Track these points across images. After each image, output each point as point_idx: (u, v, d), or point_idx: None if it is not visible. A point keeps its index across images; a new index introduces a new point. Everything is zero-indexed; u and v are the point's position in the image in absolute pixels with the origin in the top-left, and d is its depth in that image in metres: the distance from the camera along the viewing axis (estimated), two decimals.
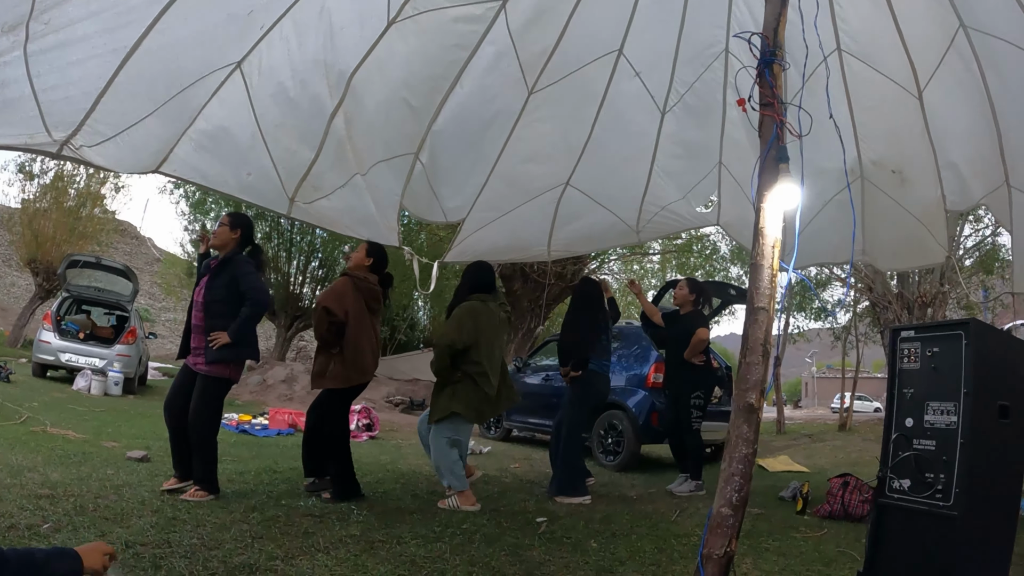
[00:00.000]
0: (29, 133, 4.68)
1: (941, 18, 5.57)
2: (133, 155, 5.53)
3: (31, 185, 26.83)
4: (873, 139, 7.05)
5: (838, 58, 6.39)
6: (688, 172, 8.04)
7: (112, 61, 4.72)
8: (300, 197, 6.76)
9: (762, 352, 3.43)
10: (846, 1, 5.98)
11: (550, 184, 8.14)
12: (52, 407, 10.72)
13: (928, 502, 3.60)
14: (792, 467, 11.18)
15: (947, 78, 6.05)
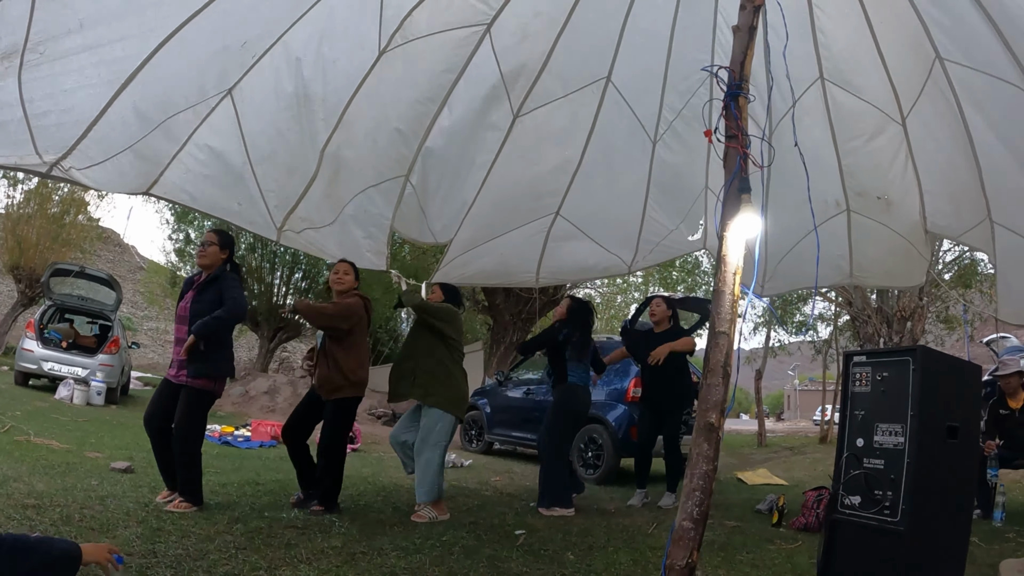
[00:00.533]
0: (19, 154, 4.80)
1: (919, 47, 5.67)
2: (121, 177, 5.63)
3: (14, 191, 26.73)
4: (858, 171, 7.12)
5: (821, 87, 6.49)
6: (679, 199, 8.10)
7: (105, 92, 4.86)
8: (289, 226, 6.86)
9: (722, 374, 3.56)
10: (828, 28, 6.05)
11: (540, 212, 8.21)
12: (35, 416, 10.72)
13: (877, 518, 3.74)
14: (770, 480, 11.29)
15: (927, 108, 6.14)
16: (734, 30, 4.14)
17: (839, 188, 7.30)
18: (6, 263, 26.82)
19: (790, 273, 8.26)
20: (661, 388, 8.38)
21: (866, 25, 5.86)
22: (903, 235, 7.54)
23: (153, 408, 5.96)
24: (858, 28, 5.91)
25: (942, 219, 7.16)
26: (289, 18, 5.40)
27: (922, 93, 6.03)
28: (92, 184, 5.46)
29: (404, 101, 6.61)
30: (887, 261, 8.23)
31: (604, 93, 7.17)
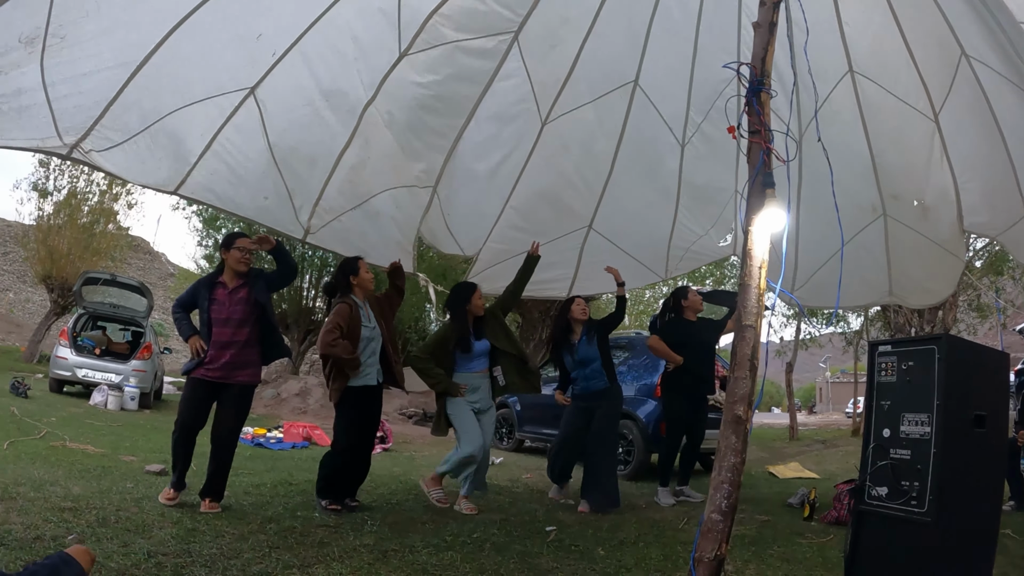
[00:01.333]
0: (41, 137, 4.93)
1: (946, 43, 5.63)
2: (142, 166, 5.73)
3: (45, 202, 27.08)
4: (893, 171, 7.04)
5: (851, 80, 6.44)
6: (709, 204, 8.07)
7: (121, 74, 4.97)
8: (315, 219, 6.90)
9: (749, 367, 3.56)
10: (855, 20, 6.00)
11: (572, 226, 8.22)
12: (70, 422, 10.86)
13: (904, 509, 3.72)
14: (802, 473, 11.23)
15: (958, 104, 6.08)
16: (754, 26, 4.15)
17: (875, 190, 7.22)
18: (38, 273, 27.23)
19: (823, 287, 8.19)
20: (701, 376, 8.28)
21: (893, 20, 5.81)
22: (940, 243, 7.43)
23: (196, 413, 5.98)
24: (885, 23, 5.87)
25: (979, 216, 7.06)
26: (304, 14, 5.47)
27: (952, 89, 5.97)
28: (112, 168, 5.53)
29: (431, 107, 6.65)
30: (926, 276, 8.16)
31: (632, 97, 7.16)
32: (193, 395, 6.00)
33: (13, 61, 4.41)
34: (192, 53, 5.19)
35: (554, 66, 6.81)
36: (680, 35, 6.67)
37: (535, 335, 19.68)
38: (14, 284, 48.99)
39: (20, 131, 4.82)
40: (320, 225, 7.01)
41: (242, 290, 6.08)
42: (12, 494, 5.38)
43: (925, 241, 7.48)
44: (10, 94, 4.57)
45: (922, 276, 8.19)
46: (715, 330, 8.27)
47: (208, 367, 5.93)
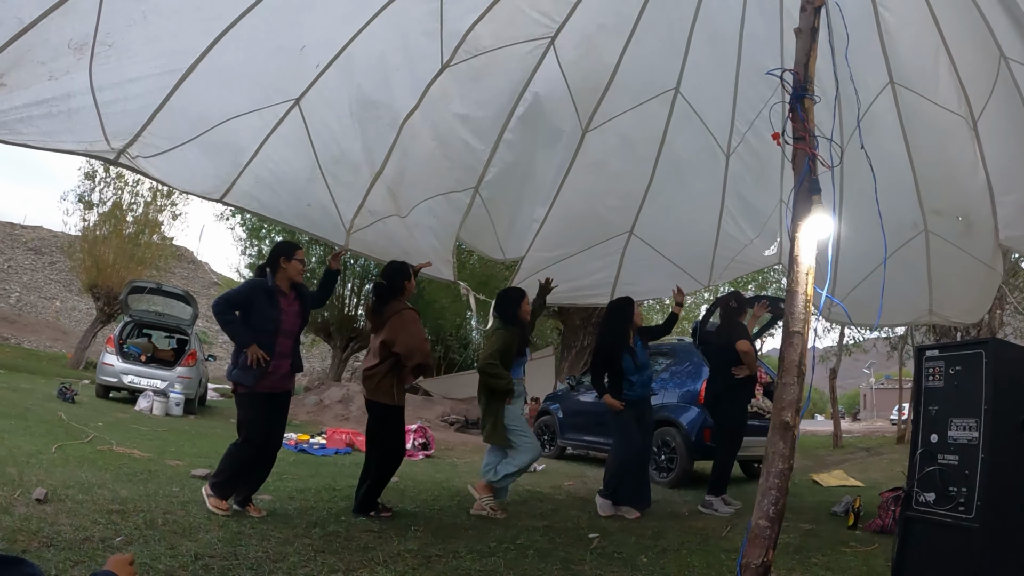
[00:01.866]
0: (89, 141, 5.03)
1: (986, 46, 5.55)
2: (188, 173, 5.85)
3: (90, 213, 27.60)
4: (934, 184, 6.93)
5: (891, 92, 6.36)
6: (753, 214, 8.02)
7: (167, 82, 5.06)
8: (358, 223, 6.95)
9: (797, 373, 3.55)
10: (894, 29, 5.92)
11: (613, 231, 8.20)
12: (116, 427, 11.00)
13: (952, 515, 3.68)
14: (846, 482, 11.10)
15: (998, 109, 5.98)
16: (796, 32, 4.14)
17: (916, 207, 7.12)
18: (84, 282, 27.75)
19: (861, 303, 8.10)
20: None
21: (932, 24, 5.73)
22: (981, 259, 7.33)
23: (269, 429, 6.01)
24: (924, 27, 5.77)
25: (1014, 230, 6.96)
26: (346, 26, 5.53)
27: (993, 93, 5.88)
28: (160, 176, 5.64)
29: (472, 115, 6.70)
30: (966, 293, 8.05)
31: (673, 104, 7.13)
32: (261, 410, 5.93)
33: (63, 66, 4.51)
34: (237, 63, 5.27)
35: (593, 73, 6.82)
36: (722, 43, 6.64)
37: (576, 342, 19.64)
38: (61, 293, 49.83)
39: (69, 134, 4.91)
40: (361, 226, 7.05)
41: (296, 302, 6.13)
42: (61, 496, 5.46)
43: (966, 257, 7.38)
44: (60, 98, 4.67)
45: (962, 293, 8.10)
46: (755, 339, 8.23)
47: (271, 379, 5.95)
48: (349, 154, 6.46)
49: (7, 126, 4.56)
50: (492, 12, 5.93)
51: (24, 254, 53.03)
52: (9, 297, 46.98)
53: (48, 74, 4.51)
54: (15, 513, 4.77)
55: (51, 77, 4.53)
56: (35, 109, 4.61)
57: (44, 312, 46.78)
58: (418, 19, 5.78)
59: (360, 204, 6.86)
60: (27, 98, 4.52)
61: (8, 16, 4.09)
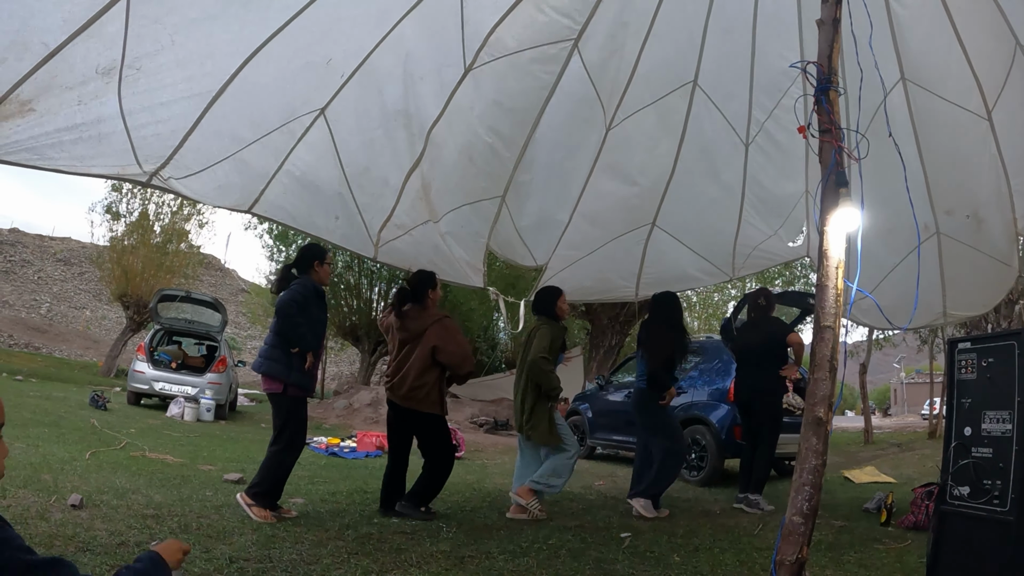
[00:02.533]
0: (121, 164, 5.05)
1: (1000, 33, 5.50)
2: (218, 190, 5.86)
3: (118, 224, 27.93)
4: (945, 183, 6.89)
5: (903, 89, 6.31)
6: (776, 205, 7.97)
7: (198, 104, 5.07)
8: (385, 236, 7.00)
9: (828, 368, 3.52)
10: (906, 21, 5.87)
11: (636, 223, 8.17)
12: (148, 433, 11.11)
13: (986, 508, 3.63)
14: (878, 478, 11.01)
15: (1012, 97, 5.93)
16: (818, 24, 4.11)
17: (927, 208, 7.06)
18: (114, 292, 28.10)
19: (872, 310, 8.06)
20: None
21: (945, 15, 5.67)
22: (993, 255, 7.25)
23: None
24: (937, 19, 5.71)
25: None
26: (370, 36, 5.54)
27: (1007, 83, 5.83)
28: (191, 194, 5.69)
29: (499, 120, 6.72)
30: (977, 289, 7.98)
31: (692, 97, 7.12)
32: (306, 416, 6.11)
33: (92, 91, 4.52)
34: (267, 82, 5.30)
35: (614, 71, 6.81)
36: (737, 33, 6.61)
37: (604, 342, 19.58)
38: (91, 303, 50.43)
39: (101, 159, 4.94)
40: (389, 239, 7.09)
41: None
42: (96, 502, 5.52)
43: (978, 255, 7.30)
44: (90, 123, 4.68)
45: (974, 290, 8.03)
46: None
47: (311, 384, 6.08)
48: (376, 166, 6.49)
49: (38, 151, 4.59)
50: (514, 14, 5.93)
51: (54, 265, 53.74)
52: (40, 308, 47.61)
53: (77, 99, 4.53)
54: (51, 519, 4.83)
55: (80, 102, 4.55)
56: (65, 135, 4.63)
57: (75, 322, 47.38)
58: (440, 24, 5.79)
59: (387, 217, 6.90)
60: (57, 124, 4.54)
61: (34, 41, 4.12)
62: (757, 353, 8.00)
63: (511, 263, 8.30)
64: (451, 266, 7.45)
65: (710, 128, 7.34)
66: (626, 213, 8.07)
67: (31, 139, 4.50)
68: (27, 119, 4.41)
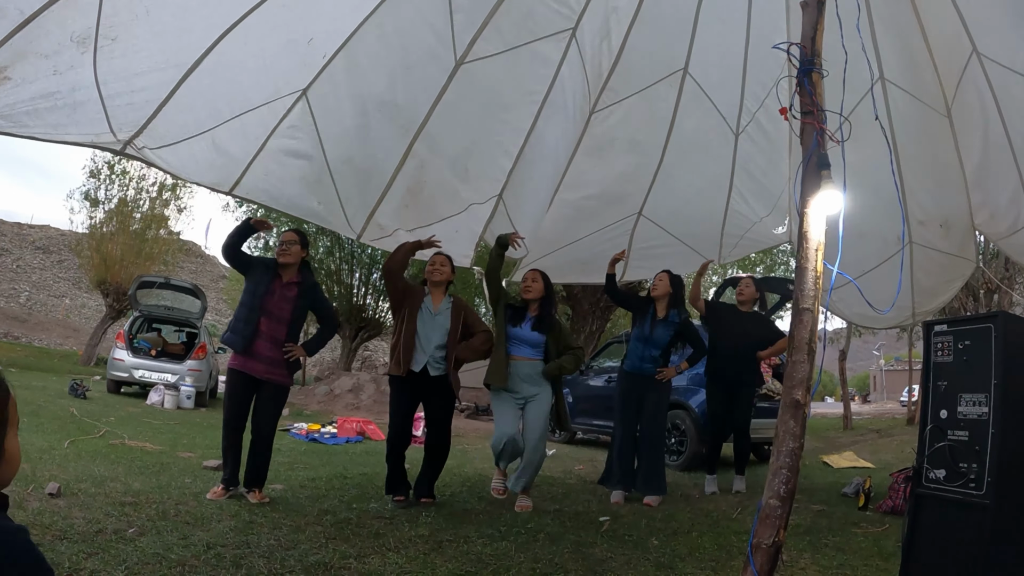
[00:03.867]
0: (95, 132, 5.04)
1: (957, 38, 5.60)
2: (196, 165, 5.83)
3: (97, 211, 27.71)
4: (919, 191, 7.02)
5: (882, 88, 6.36)
6: (763, 193, 7.99)
7: (173, 76, 5.06)
8: (367, 235, 6.99)
9: (807, 351, 3.53)
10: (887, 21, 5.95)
11: (623, 213, 8.17)
12: (128, 421, 11.06)
13: (962, 491, 3.63)
14: (856, 463, 11.09)
15: (965, 100, 6.07)
16: (803, 6, 4.11)
17: (900, 220, 7.11)
18: (93, 279, 27.91)
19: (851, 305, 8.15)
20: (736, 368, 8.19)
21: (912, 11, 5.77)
22: (957, 253, 7.49)
23: (239, 409, 6.08)
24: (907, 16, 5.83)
25: (985, 217, 7.06)
26: (352, 16, 5.49)
27: (960, 84, 5.93)
28: (164, 166, 5.63)
29: (496, 118, 6.72)
30: (941, 285, 8.18)
31: (682, 85, 7.11)
32: (234, 391, 6.10)
33: (67, 60, 4.52)
34: (245, 58, 5.27)
35: (604, 57, 6.79)
36: (730, 21, 6.60)
37: (586, 327, 19.60)
38: (70, 291, 50.09)
39: (76, 126, 4.91)
40: (372, 239, 7.11)
41: (293, 288, 6.17)
42: (74, 490, 5.49)
43: (943, 255, 7.51)
44: (65, 91, 4.67)
45: (938, 286, 8.23)
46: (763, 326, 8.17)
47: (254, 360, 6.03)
48: (359, 157, 6.45)
49: (13, 119, 4.57)
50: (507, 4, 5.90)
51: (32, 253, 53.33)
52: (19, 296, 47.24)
53: (53, 68, 4.51)
54: (28, 508, 4.79)
55: (56, 72, 4.53)
56: (41, 103, 4.62)
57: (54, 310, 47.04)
58: (429, 11, 5.75)
59: (370, 214, 6.89)
60: (33, 91, 4.54)
61: (9, 7, 4.09)
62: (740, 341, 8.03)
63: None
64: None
65: (700, 117, 7.34)
66: (612, 201, 8.07)
67: (7, 107, 4.51)
68: (3, 87, 4.41)
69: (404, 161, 6.57)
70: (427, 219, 7.05)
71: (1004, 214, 6.78)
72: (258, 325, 6.00)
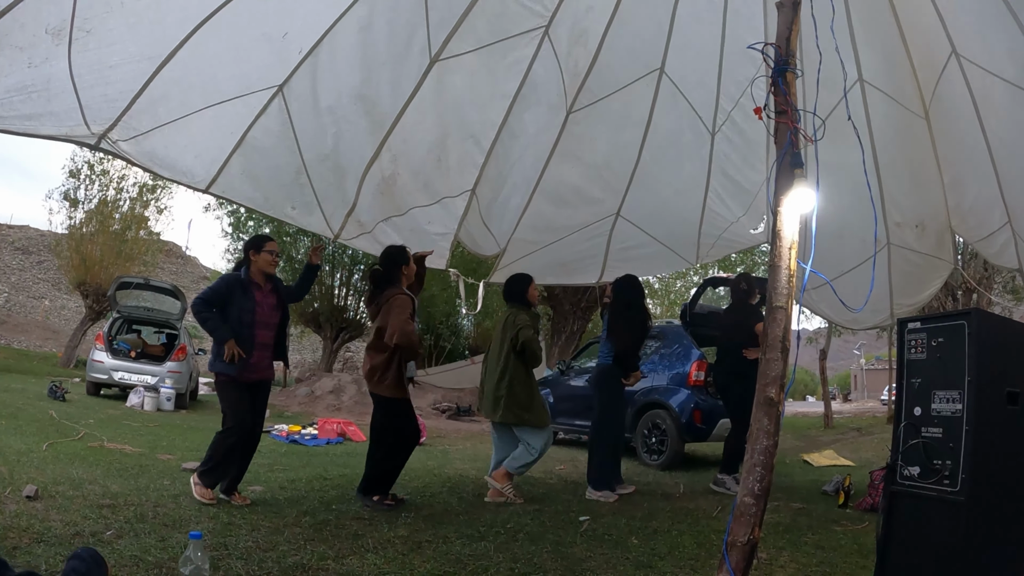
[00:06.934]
0: (70, 126, 4.98)
1: (937, 40, 5.64)
2: (172, 161, 5.80)
3: (76, 211, 27.52)
4: (897, 193, 7.10)
5: (861, 89, 6.41)
6: (740, 192, 8.02)
7: (148, 67, 5.02)
8: (346, 231, 6.98)
9: (780, 348, 3.54)
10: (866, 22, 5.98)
11: (600, 214, 8.18)
12: (108, 423, 10.99)
13: (936, 488, 3.64)
14: (837, 461, 11.16)
15: (943, 101, 6.12)
16: (778, 6, 4.13)
17: (880, 221, 7.29)
18: (72, 280, 27.68)
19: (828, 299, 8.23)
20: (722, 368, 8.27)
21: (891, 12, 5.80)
22: (934, 254, 7.59)
23: (249, 415, 6.04)
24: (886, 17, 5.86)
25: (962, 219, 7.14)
26: (328, 12, 5.47)
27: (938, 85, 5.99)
28: (140, 161, 5.58)
29: (468, 112, 6.70)
30: (920, 285, 8.29)
31: (658, 85, 7.12)
32: (244, 398, 6.02)
33: (42, 53, 4.48)
34: (219, 51, 5.24)
35: (580, 57, 6.79)
36: (706, 21, 6.61)
37: (566, 327, 19.66)
38: (49, 292, 49.63)
39: (50, 119, 4.87)
40: (351, 236, 7.08)
41: (272, 294, 6.17)
42: (52, 493, 5.46)
43: (920, 256, 7.61)
44: (40, 83, 4.63)
45: (915, 287, 8.33)
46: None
47: (254, 369, 6.02)
48: (335, 154, 6.42)
49: None
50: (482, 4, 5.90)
51: (12, 254, 52.82)
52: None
53: (28, 61, 4.48)
54: (5, 511, 4.77)
55: (31, 64, 4.50)
56: (15, 95, 4.58)
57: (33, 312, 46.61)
58: (405, 8, 5.74)
59: (349, 212, 6.87)
60: (7, 85, 4.50)
61: None
62: (733, 340, 8.09)
63: (478, 254, 8.26)
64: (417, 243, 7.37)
65: (676, 117, 7.34)
66: (589, 202, 8.07)
67: None
68: None
69: (379, 153, 6.54)
70: (401, 207, 7.03)
71: (980, 216, 6.85)
72: (254, 341, 6.00)
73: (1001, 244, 6.82)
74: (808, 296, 8.60)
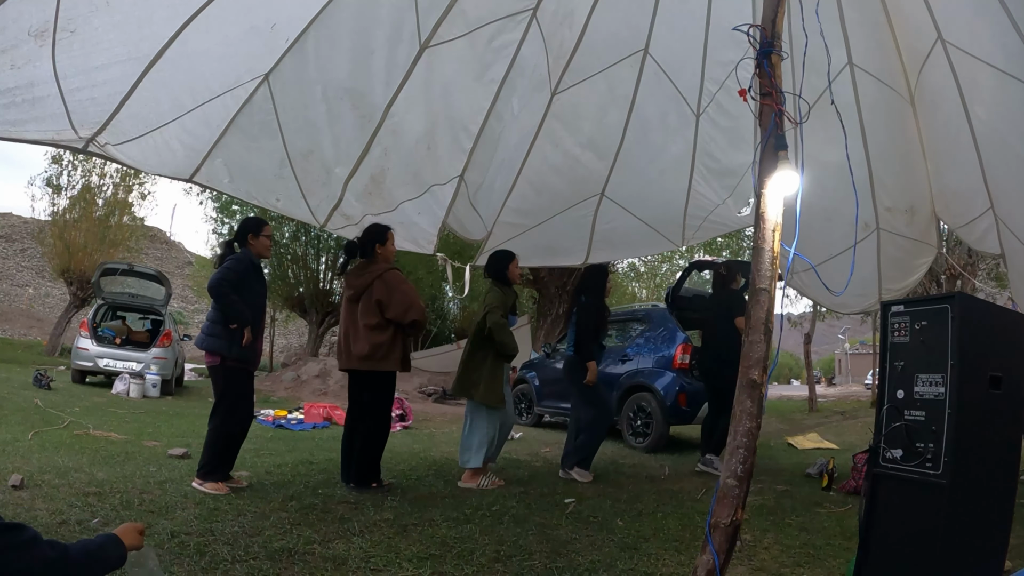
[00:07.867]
0: (56, 130, 4.89)
1: (923, 24, 5.64)
2: (158, 157, 5.70)
3: (59, 197, 27.33)
4: (885, 177, 7.13)
5: (850, 73, 6.42)
6: (726, 174, 8.01)
7: (135, 68, 4.92)
8: (331, 224, 6.97)
9: (763, 331, 3.56)
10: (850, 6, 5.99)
11: (584, 195, 8.16)
12: (93, 411, 10.97)
13: (919, 471, 3.65)
14: (821, 444, 11.25)
15: (928, 86, 6.13)
16: None
17: (870, 205, 7.33)
18: (56, 267, 27.50)
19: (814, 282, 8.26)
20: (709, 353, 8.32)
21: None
22: (920, 239, 7.64)
23: (251, 403, 6.18)
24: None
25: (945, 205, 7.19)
26: (316, 1, 5.43)
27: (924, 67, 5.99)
28: (130, 162, 5.53)
29: (460, 103, 6.66)
30: (906, 270, 8.32)
31: (643, 66, 7.11)
32: (249, 386, 6.08)
33: (24, 55, 4.39)
34: (208, 48, 5.16)
35: (565, 38, 6.77)
36: (691, 2, 6.59)
37: (552, 310, 19.65)
38: (33, 280, 49.35)
39: (36, 124, 4.79)
40: (338, 227, 7.08)
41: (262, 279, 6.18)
42: (37, 482, 5.45)
43: (907, 241, 7.65)
44: (23, 87, 4.54)
45: (903, 272, 8.38)
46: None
47: (256, 356, 6.09)
48: (320, 149, 6.37)
49: None
50: None
51: None
52: None
53: (10, 63, 4.40)
54: None
55: (13, 66, 4.42)
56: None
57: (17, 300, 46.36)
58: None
59: (334, 206, 6.84)
60: None
61: None
62: (719, 322, 8.11)
63: (466, 238, 8.24)
64: (403, 232, 7.36)
65: (660, 98, 7.31)
66: (574, 183, 8.05)
67: None
68: None
69: (368, 150, 6.51)
70: (390, 204, 7.01)
71: (963, 202, 6.88)
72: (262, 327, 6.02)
73: (983, 230, 6.85)
74: (799, 279, 8.66)
